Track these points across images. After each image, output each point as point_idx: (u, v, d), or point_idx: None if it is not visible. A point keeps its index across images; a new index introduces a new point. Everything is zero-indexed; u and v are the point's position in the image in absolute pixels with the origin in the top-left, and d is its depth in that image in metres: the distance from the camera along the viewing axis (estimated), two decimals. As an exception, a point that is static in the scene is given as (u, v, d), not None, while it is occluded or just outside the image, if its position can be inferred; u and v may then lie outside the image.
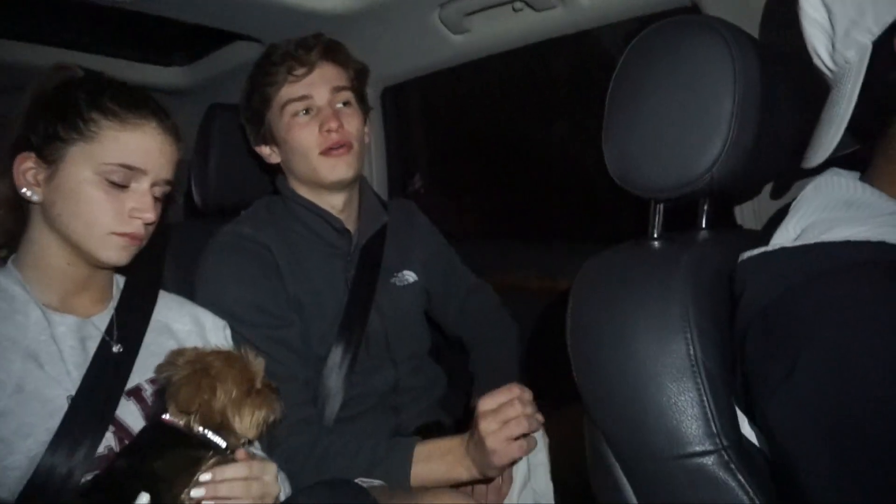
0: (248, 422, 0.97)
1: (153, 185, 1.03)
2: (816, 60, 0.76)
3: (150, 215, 1.03)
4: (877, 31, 0.68)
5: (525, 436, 1.10)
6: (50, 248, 1.02)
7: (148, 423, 0.99)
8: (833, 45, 0.72)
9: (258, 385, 1.00)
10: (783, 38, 1.08)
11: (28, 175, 1.00)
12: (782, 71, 0.89)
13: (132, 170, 1.00)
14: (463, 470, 1.15)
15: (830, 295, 0.64)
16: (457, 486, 1.19)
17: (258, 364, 1.01)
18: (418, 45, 1.70)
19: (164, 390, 0.96)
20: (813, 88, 0.81)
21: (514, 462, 1.13)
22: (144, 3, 1.50)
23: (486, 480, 1.18)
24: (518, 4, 1.50)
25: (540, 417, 1.13)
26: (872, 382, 0.58)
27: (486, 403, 1.11)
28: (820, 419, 0.60)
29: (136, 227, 1.02)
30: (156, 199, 1.05)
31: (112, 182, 0.99)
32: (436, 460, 1.17)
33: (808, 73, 0.79)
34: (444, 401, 1.52)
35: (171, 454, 0.90)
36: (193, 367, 0.95)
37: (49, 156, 0.99)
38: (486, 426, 1.09)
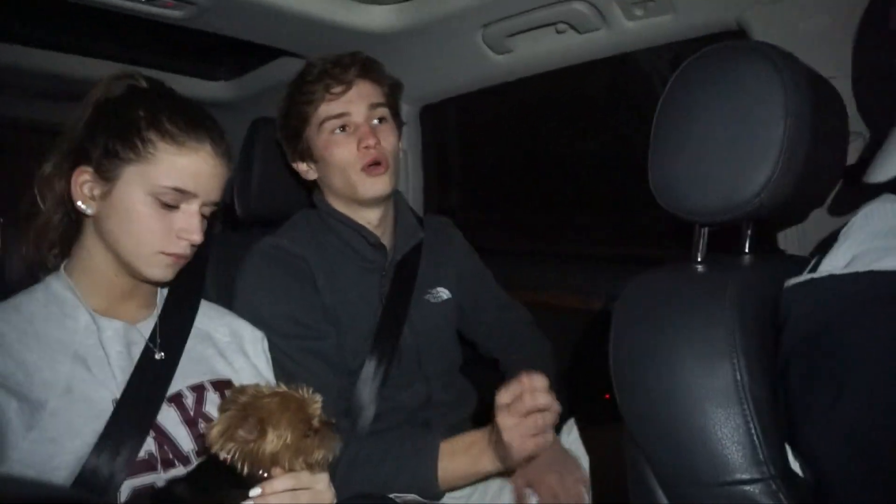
0: (307, 464, 0.94)
1: (202, 205, 1.05)
2: None
3: (198, 237, 1.04)
4: None
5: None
6: (99, 258, 1.05)
7: (207, 456, 0.96)
8: None
9: (316, 424, 0.96)
10: (832, 61, 1.07)
11: (84, 189, 1.02)
12: (830, 96, 0.88)
13: (184, 193, 1.02)
14: (487, 462, 1.17)
15: (878, 324, 0.63)
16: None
17: (314, 402, 0.97)
18: (460, 64, 1.71)
19: None
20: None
21: (530, 457, 1.14)
22: (194, 20, 1.54)
23: (510, 473, 1.21)
24: (561, 26, 1.50)
25: (557, 406, 1.14)
26: None
27: (502, 397, 1.14)
28: (865, 449, 0.60)
29: (183, 247, 1.04)
30: (203, 217, 1.06)
31: (163, 203, 1.01)
32: (460, 455, 1.19)
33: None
34: (474, 417, 1.52)
35: (232, 495, 0.89)
36: (245, 409, 0.92)
37: (106, 172, 1.00)
38: (503, 421, 1.12)
